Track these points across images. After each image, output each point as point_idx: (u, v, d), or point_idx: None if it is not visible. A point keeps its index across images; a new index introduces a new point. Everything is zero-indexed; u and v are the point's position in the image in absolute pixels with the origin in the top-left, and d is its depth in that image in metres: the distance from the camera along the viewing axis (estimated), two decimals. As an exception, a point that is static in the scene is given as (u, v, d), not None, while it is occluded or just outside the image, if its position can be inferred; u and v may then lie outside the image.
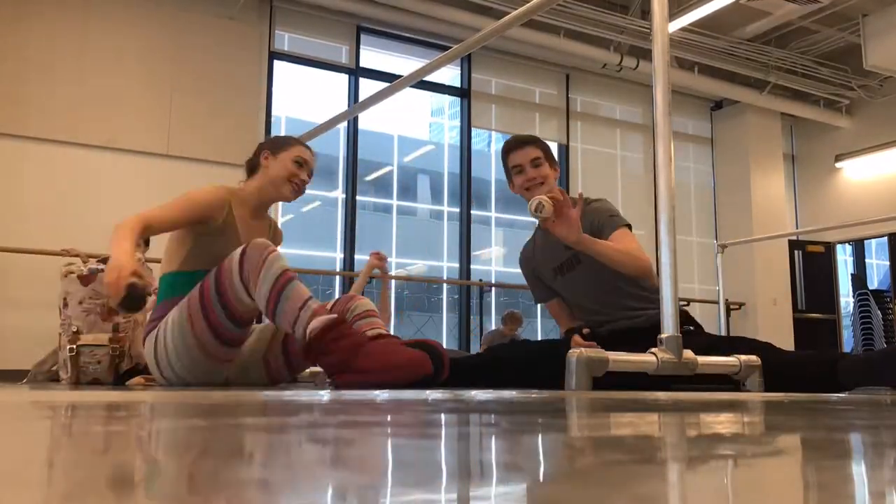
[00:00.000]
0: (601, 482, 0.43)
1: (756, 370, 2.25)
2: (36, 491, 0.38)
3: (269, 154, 2.62)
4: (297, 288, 2.22)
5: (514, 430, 0.77)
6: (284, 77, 7.36)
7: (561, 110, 8.51)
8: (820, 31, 8.20)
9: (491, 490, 0.40)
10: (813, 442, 0.72)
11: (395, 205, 9.26)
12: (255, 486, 0.40)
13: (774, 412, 1.23)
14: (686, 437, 0.74)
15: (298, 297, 2.21)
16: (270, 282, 2.20)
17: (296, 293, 2.21)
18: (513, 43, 7.65)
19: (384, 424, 0.85)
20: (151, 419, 0.90)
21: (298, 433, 0.71)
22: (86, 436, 0.67)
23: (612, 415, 1.08)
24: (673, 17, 7.01)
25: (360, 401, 1.35)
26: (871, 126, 9.17)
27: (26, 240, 5.75)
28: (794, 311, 8.21)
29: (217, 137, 6.64)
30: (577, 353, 2.02)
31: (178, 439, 0.66)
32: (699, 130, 9.55)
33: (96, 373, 2.92)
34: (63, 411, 1.04)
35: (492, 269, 8.80)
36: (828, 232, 8.07)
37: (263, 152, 2.65)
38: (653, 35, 2.19)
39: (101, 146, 6.27)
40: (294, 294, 2.21)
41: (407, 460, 0.52)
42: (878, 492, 0.42)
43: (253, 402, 1.30)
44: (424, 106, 10.46)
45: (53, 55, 6.18)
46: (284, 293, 2.20)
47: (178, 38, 6.63)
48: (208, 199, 2.44)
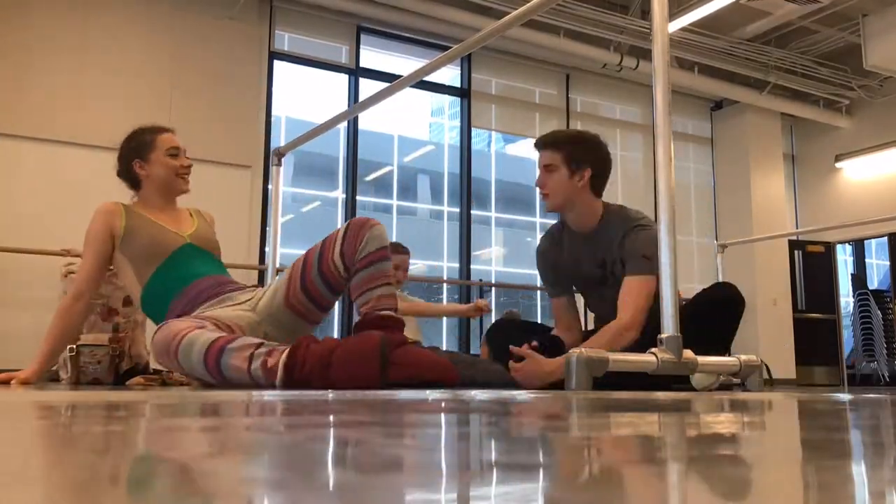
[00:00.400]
0: (602, 483, 0.43)
1: (756, 370, 2.25)
2: (36, 491, 0.38)
3: (141, 161, 2.60)
4: (232, 357, 2.10)
5: (513, 430, 0.77)
6: (284, 77, 7.36)
7: (561, 110, 8.51)
8: (820, 31, 8.20)
9: (491, 490, 0.40)
10: (813, 442, 0.72)
11: (395, 205, 9.26)
12: (253, 485, 0.40)
13: (774, 412, 1.23)
14: (686, 438, 0.74)
15: (243, 353, 2.12)
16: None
17: (238, 351, 2.11)
18: (513, 43, 7.65)
19: (383, 424, 0.85)
20: (151, 419, 0.90)
21: (297, 433, 0.71)
22: (85, 436, 0.67)
23: (612, 415, 1.08)
24: (673, 17, 7.01)
25: (360, 401, 1.35)
26: (871, 126, 9.17)
27: (26, 240, 5.75)
28: (794, 311, 8.20)
29: (217, 137, 6.64)
30: (577, 352, 2.02)
31: (178, 439, 0.66)
32: (699, 130, 9.55)
33: (96, 373, 2.92)
34: (63, 411, 1.04)
35: (492, 269, 8.80)
36: (828, 232, 8.06)
37: (135, 163, 2.62)
38: (653, 35, 2.19)
39: (101, 146, 6.26)
40: (237, 353, 2.11)
41: (406, 460, 0.52)
42: (878, 492, 0.42)
43: (241, 402, 1.30)
44: (424, 106, 10.45)
45: (53, 55, 6.18)
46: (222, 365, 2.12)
47: (178, 38, 6.64)
48: (99, 221, 2.50)
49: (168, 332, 2.13)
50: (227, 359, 2.06)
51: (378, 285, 2.34)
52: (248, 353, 2.06)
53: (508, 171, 9.63)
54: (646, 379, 2.07)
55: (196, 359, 2.07)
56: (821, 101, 9.28)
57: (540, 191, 2.63)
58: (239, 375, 2.06)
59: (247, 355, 2.06)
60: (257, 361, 2.05)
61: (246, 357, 2.06)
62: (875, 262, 9.77)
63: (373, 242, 2.35)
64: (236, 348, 2.07)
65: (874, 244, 9.32)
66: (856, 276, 9.30)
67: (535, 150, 2.67)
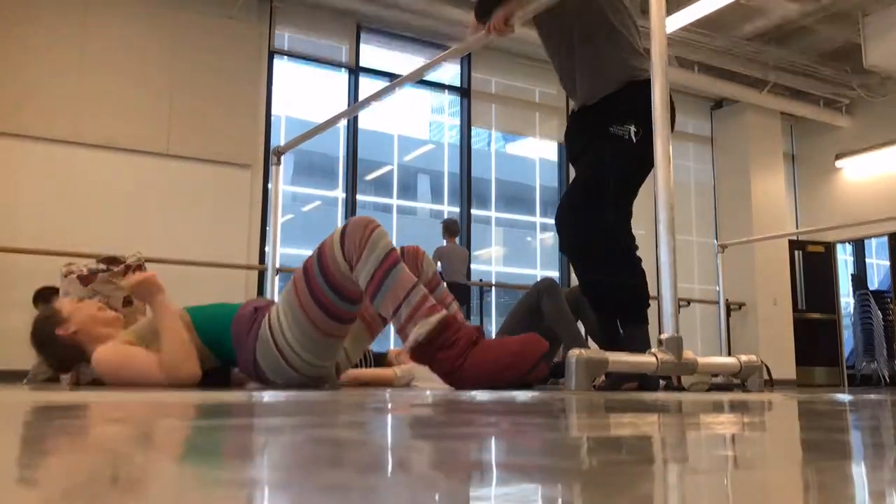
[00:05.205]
0: (602, 482, 0.43)
1: (756, 371, 2.25)
2: (36, 491, 0.38)
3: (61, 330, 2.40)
4: (401, 274, 2.10)
5: (513, 431, 0.77)
6: (284, 76, 7.36)
7: (561, 110, 8.51)
8: (820, 30, 8.20)
9: (491, 490, 0.40)
10: (813, 442, 0.72)
11: (395, 204, 9.27)
12: (242, 486, 0.40)
13: (774, 412, 1.23)
14: (686, 438, 0.74)
15: (402, 286, 2.08)
16: (374, 263, 2.10)
17: (400, 280, 2.09)
18: (513, 42, 7.65)
19: (384, 424, 0.85)
20: (151, 419, 0.90)
21: (296, 433, 0.71)
22: (85, 436, 0.67)
23: (612, 415, 1.08)
24: (672, 16, 7.00)
25: (358, 400, 1.35)
26: (871, 126, 9.17)
27: (26, 240, 5.75)
28: (794, 311, 8.21)
29: (217, 136, 6.64)
30: (577, 352, 2.02)
31: (178, 439, 0.66)
32: (699, 130, 9.55)
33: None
34: (63, 411, 1.04)
35: (492, 269, 8.81)
36: (828, 232, 8.06)
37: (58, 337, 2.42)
38: (651, 34, 2.19)
39: (101, 145, 6.27)
40: (399, 280, 2.09)
41: (406, 460, 0.52)
42: (878, 492, 0.42)
43: (245, 402, 1.30)
44: (424, 105, 10.46)
45: (53, 54, 6.18)
46: (388, 280, 2.08)
47: (178, 37, 6.64)
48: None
49: (365, 219, 2.17)
50: (399, 269, 2.10)
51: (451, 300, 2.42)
52: (409, 287, 2.09)
53: (508, 171, 9.63)
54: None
55: (378, 255, 2.10)
56: (821, 101, 9.28)
57: None
58: (399, 291, 2.08)
59: (416, 280, 2.10)
60: (421, 292, 2.09)
61: (414, 281, 2.10)
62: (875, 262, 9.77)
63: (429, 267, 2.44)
64: (402, 274, 2.11)
65: (874, 244, 9.33)
66: (856, 276, 9.31)
67: (535, 150, 2.69)
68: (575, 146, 2.76)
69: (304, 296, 2.21)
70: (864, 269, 9.76)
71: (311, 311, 2.20)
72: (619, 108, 2.54)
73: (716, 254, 6.30)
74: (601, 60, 2.58)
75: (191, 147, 6.54)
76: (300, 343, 2.23)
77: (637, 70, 2.56)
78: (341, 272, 2.15)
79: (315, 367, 2.28)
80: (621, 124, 2.51)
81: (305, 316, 2.20)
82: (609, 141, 2.53)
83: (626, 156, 2.51)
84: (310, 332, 2.22)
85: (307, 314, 2.20)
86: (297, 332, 2.22)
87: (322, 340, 2.24)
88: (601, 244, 2.51)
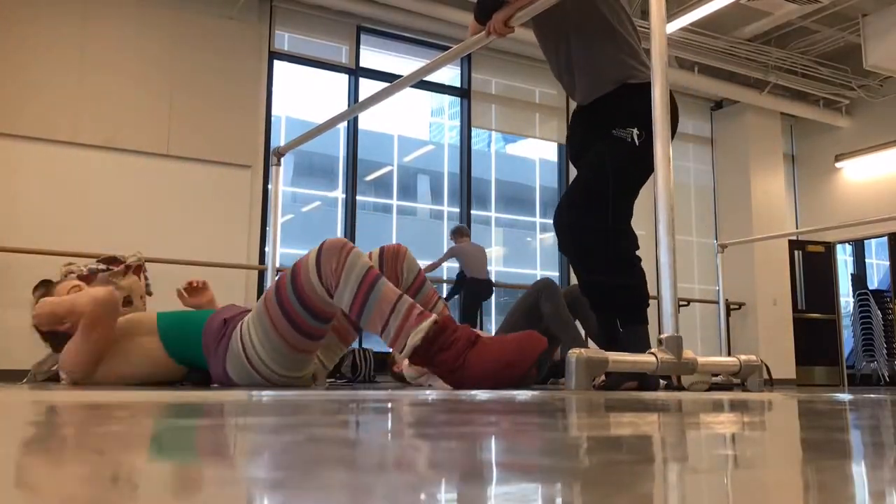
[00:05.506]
0: (601, 482, 0.43)
1: (756, 370, 2.25)
2: (35, 492, 0.38)
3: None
4: (383, 290, 2.08)
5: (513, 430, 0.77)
6: (284, 77, 7.37)
7: (561, 110, 8.51)
8: (820, 31, 8.21)
9: (491, 490, 0.40)
10: (813, 442, 0.72)
11: (395, 205, 9.26)
12: (254, 486, 0.40)
13: (774, 412, 1.23)
14: (686, 437, 0.74)
15: (387, 301, 2.06)
16: (354, 285, 2.08)
17: (383, 297, 2.07)
18: (513, 43, 7.66)
19: (384, 424, 0.85)
20: (151, 419, 0.90)
21: (297, 432, 0.71)
22: (85, 436, 0.67)
23: (612, 414, 1.08)
24: (673, 17, 7.01)
25: (358, 400, 1.35)
26: (871, 126, 9.17)
27: (26, 240, 5.75)
28: (794, 311, 8.21)
29: (217, 137, 6.64)
30: (577, 352, 2.02)
31: (178, 439, 0.66)
32: (699, 130, 9.55)
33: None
34: (63, 411, 1.04)
35: (492, 269, 8.80)
36: (828, 232, 8.06)
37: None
38: (651, 35, 2.19)
39: (101, 146, 6.27)
40: (382, 298, 2.07)
41: (406, 460, 0.52)
42: (877, 492, 0.42)
43: (243, 402, 1.30)
44: (424, 106, 10.45)
45: (53, 55, 6.18)
46: (371, 299, 2.07)
47: (178, 38, 6.64)
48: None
49: (340, 241, 2.16)
50: (381, 286, 2.08)
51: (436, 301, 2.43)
52: (395, 299, 2.08)
53: (508, 171, 9.64)
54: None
55: (356, 276, 2.09)
56: (821, 101, 9.28)
57: None
58: (384, 307, 2.06)
59: (394, 300, 2.08)
60: (406, 303, 2.07)
61: (397, 294, 2.09)
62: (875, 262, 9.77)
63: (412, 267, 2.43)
64: (385, 289, 2.09)
65: (874, 244, 9.33)
66: (856, 276, 9.30)
67: (535, 150, 2.70)
68: (576, 146, 2.76)
69: (275, 313, 2.21)
70: (864, 269, 9.76)
71: (282, 327, 2.21)
72: (622, 110, 2.54)
73: (716, 254, 6.31)
74: (599, 60, 2.58)
75: (191, 147, 6.54)
76: (271, 357, 2.25)
77: (635, 70, 2.56)
78: (317, 294, 2.14)
79: (288, 379, 2.30)
80: (624, 127, 2.51)
81: (276, 332, 2.22)
82: (611, 143, 2.53)
83: (627, 158, 2.51)
84: (280, 348, 2.23)
85: (278, 330, 2.21)
86: (269, 346, 2.24)
87: (292, 355, 2.25)
88: (601, 244, 2.51)
